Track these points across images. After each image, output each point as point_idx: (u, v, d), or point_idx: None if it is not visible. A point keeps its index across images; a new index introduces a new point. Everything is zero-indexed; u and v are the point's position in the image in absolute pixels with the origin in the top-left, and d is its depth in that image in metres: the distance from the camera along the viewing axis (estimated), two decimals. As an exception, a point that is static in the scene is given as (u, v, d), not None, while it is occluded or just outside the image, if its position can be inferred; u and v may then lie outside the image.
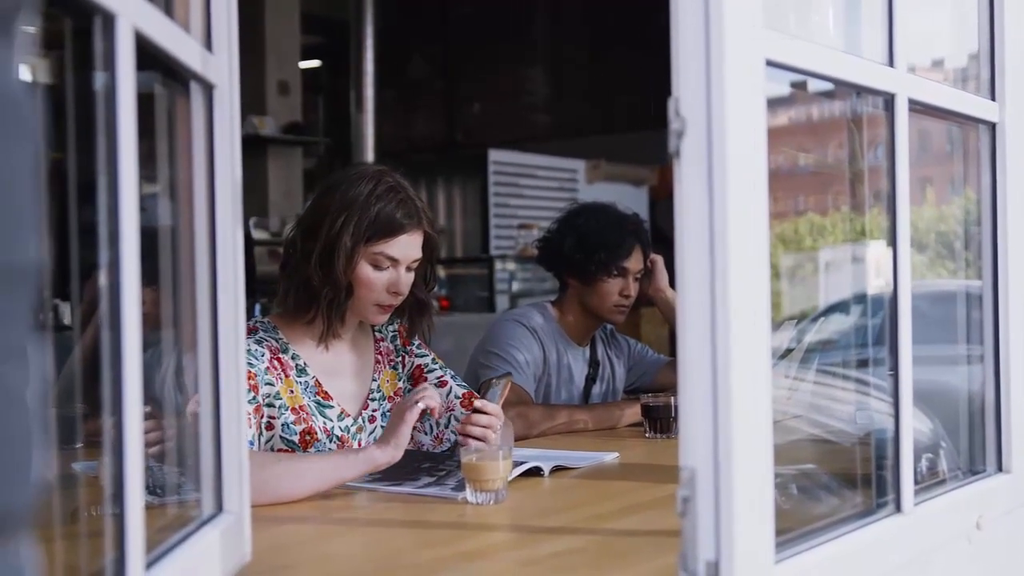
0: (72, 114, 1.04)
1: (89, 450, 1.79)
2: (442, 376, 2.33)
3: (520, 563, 1.50)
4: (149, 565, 1.05)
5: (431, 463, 2.11)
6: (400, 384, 2.34)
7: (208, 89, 1.31)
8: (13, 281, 0.52)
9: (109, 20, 0.96)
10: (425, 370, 2.35)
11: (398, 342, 2.36)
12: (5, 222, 0.52)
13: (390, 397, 2.30)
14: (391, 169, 2.23)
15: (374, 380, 2.29)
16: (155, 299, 1.25)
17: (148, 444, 1.09)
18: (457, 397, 2.30)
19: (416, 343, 2.37)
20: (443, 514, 1.78)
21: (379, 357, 2.32)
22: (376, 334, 2.35)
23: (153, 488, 1.30)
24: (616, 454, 2.33)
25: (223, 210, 1.33)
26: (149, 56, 1.08)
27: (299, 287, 2.15)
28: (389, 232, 2.13)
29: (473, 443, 2.05)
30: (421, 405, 1.94)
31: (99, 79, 0.98)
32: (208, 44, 1.31)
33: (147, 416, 1.04)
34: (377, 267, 2.14)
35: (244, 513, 1.37)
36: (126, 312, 0.98)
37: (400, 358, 2.35)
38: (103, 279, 0.97)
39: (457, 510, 1.80)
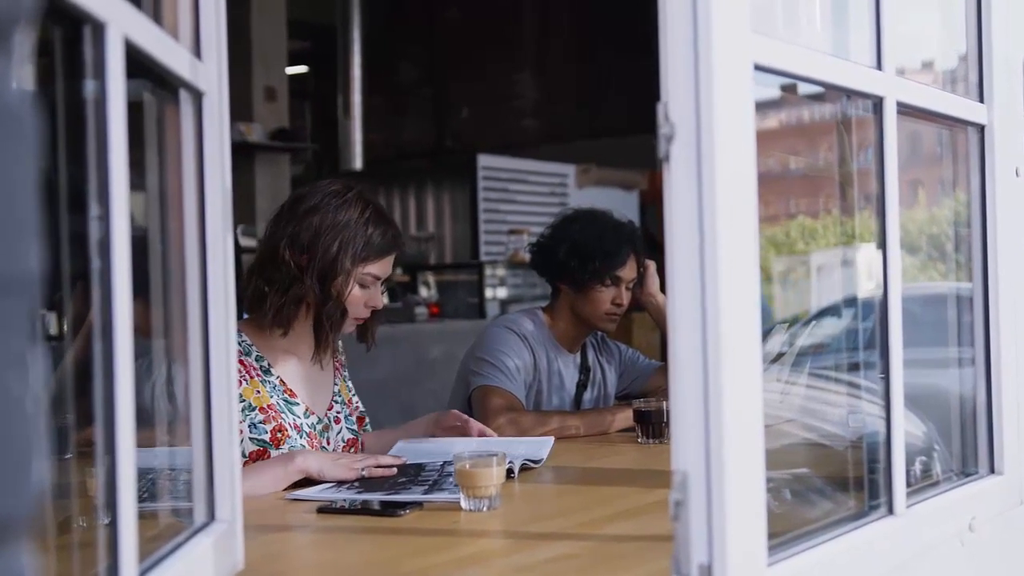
0: (60, 122, 1.03)
1: (79, 460, 1.78)
2: (339, 414, 2.38)
3: (516, 569, 1.50)
4: (142, 574, 1.05)
5: (409, 476, 2.08)
6: (351, 395, 2.45)
7: (197, 97, 1.30)
8: (15, 290, 0.53)
9: (99, 28, 0.96)
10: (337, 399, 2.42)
11: (343, 358, 2.47)
12: (8, 232, 0.52)
13: (347, 402, 2.41)
14: (358, 185, 2.33)
15: (335, 385, 2.40)
16: (144, 309, 1.25)
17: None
18: (343, 441, 2.36)
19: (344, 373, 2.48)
20: (437, 521, 1.77)
21: (337, 365, 2.43)
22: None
23: (142, 496, 1.29)
24: (551, 440, 2.37)
25: (213, 218, 1.33)
26: (137, 64, 1.07)
27: (292, 303, 2.21)
28: (380, 254, 2.25)
29: (466, 451, 2.05)
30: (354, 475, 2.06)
31: (88, 87, 0.97)
32: (197, 51, 1.31)
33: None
34: (363, 286, 2.25)
35: (236, 522, 1.37)
36: (117, 322, 0.98)
37: (346, 372, 2.46)
38: (95, 289, 0.97)
39: (451, 517, 1.79)
